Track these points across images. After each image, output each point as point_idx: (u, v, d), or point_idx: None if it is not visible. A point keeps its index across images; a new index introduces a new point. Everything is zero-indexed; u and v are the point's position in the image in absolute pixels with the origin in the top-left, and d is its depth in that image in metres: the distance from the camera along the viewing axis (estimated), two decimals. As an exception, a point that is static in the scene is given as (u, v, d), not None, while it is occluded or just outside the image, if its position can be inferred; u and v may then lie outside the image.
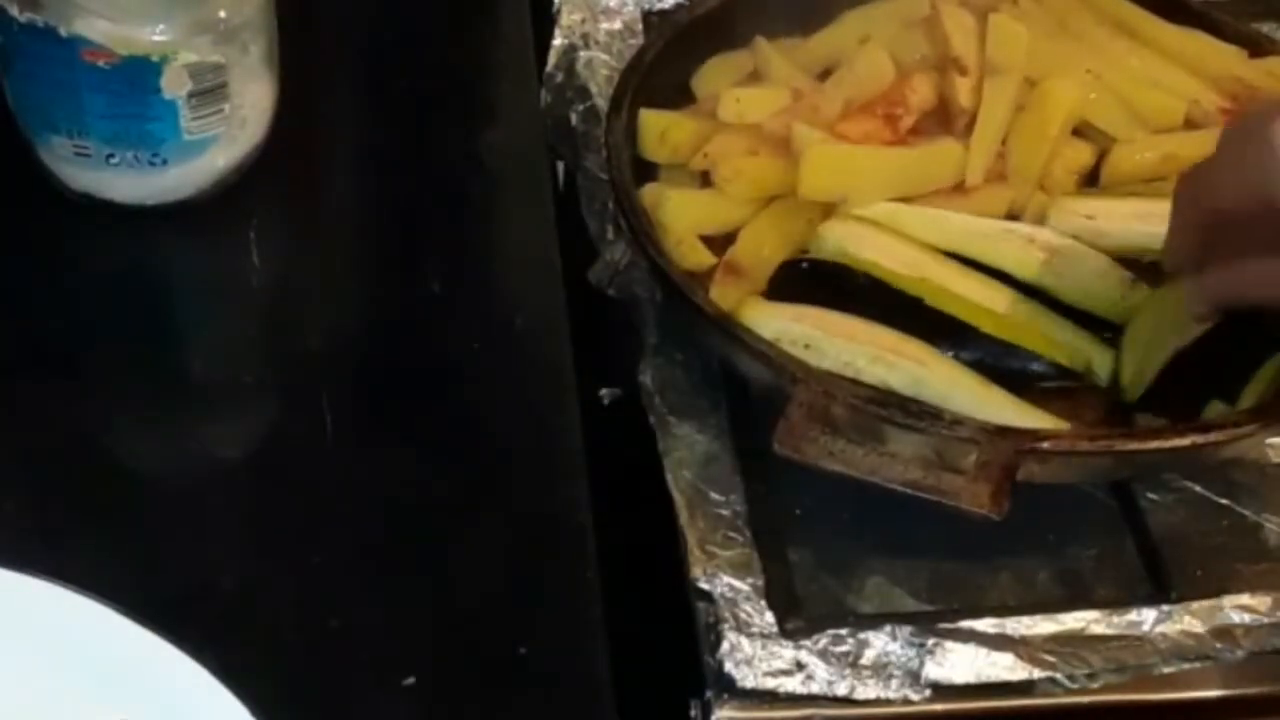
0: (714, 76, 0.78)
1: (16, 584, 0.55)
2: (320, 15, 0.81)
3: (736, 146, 0.73)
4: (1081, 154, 0.75)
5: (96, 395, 0.66)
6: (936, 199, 0.72)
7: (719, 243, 0.71)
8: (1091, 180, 0.75)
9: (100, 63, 0.66)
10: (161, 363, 0.69)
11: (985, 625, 0.63)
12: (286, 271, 0.73)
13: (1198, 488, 0.69)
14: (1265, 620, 0.64)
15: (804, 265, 0.72)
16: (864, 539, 0.67)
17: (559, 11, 0.83)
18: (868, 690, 0.62)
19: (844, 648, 0.62)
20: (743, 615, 0.63)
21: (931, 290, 0.69)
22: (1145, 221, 0.72)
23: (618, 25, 0.84)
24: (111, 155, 0.69)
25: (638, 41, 0.82)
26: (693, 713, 0.63)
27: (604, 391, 0.75)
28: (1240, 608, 0.64)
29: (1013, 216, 0.72)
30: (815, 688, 0.62)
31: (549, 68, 0.82)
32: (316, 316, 0.71)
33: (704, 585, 0.64)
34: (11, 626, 0.54)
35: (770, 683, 0.62)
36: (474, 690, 0.58)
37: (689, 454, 0.69)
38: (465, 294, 0.72)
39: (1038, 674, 0.62)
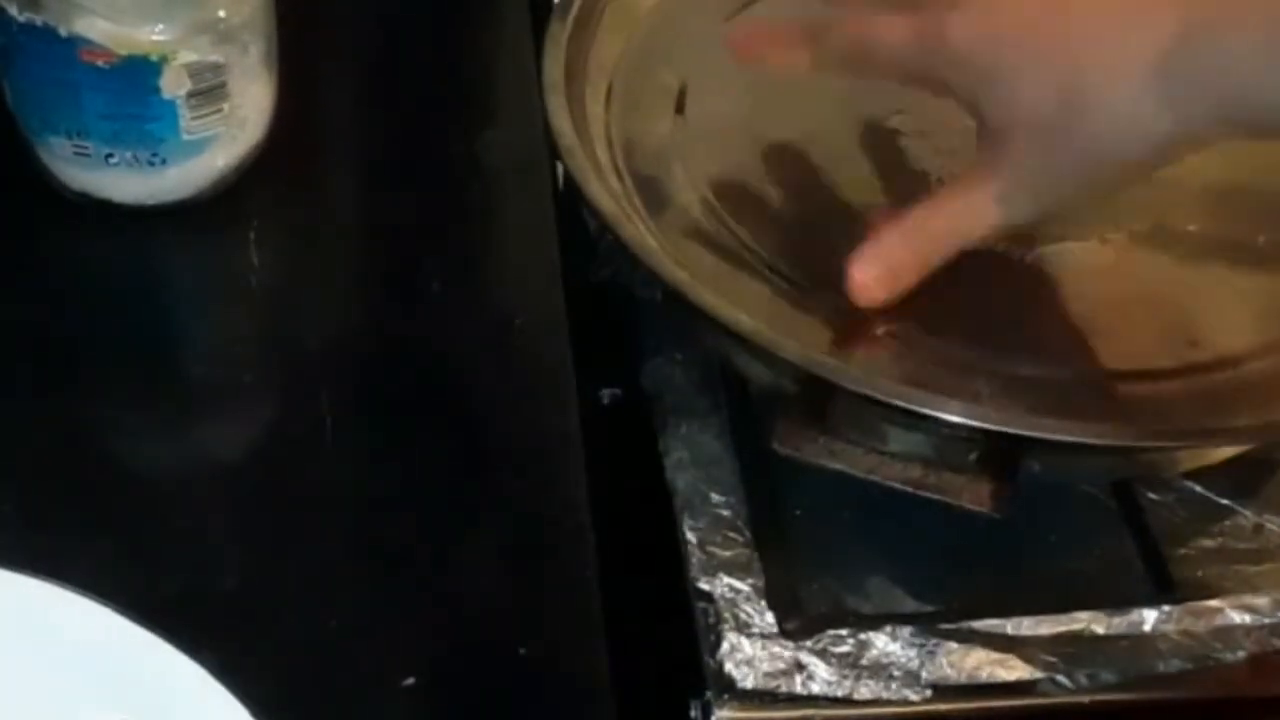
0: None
1: (16, 584, 0.54)
2: (320, 15, 0.81)
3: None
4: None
5: (96, 395, 0.66)
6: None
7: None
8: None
9: (100, 62, 0.66)
10: (161, 363, 0.68)
11: (985, 625, 0.63)
12: (286, 271, 0.73)
13: (1198, 488, 0.69)
14: (1266, 620, 0.64)
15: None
16: (864, 539, 0.67)
17: (559, 12, 0.83)
18: (868, 691, 0.62)
19: (844, 648, 0.62)
20: (743, 615, 0.63)
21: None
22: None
23: (617, 26, 0.84)
24: (111, 155, 0.69)
25: (638, 42, 0.82)
26: (693, 713, 0.63)
27: (604, 391, 0.75)
28: (1241, 608, 0.64)
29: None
30: (815, 688, 0.62)
31: (549, 68, 0.82)
32: (316, 316, 0.71)
33: (704, 585, 0.64)
34: (11, 626, 0.54)
35: (770, 683, 0.62)
36: (474, 690, 0.58)
37: (689, 454, 0.69)
38: (465, 294, 0.71)
39: (1038, 674, 0.62)
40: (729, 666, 0.62)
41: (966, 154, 0.74)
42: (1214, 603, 0.64)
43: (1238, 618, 0.64)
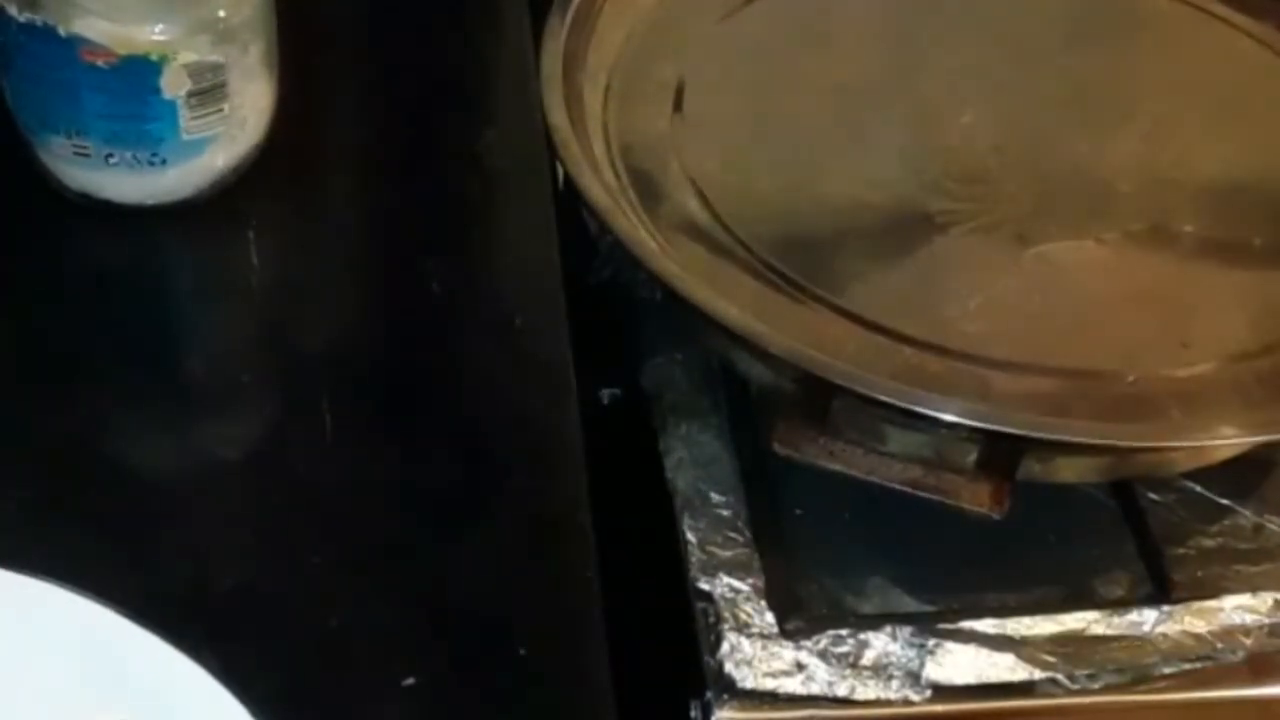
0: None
1: (16, 584, 0.54)
2: (320, 15, 0.81)
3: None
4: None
5: (96, 395, 0.66)
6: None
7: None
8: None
9: (99, 62, 0.66)
10: (161, 363, 0.68)
11: (985, 626, 0.63)
12: (286, 272, 0.73)
13: (1198, 488, 0.69)
14: (1265, 620, 0.64)
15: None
16: (864, 539, 0.67)
17: (558, 12, 0.83)
18: (868, 691, 0.62)
19: (844, 648, 0.62)
20: (743, 615, 0.63)
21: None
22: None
23: (617, 25, 0.84)
24: (110, 155, 0.69)
25: (637, 41, 0.82)
26: (693, 713, 0.63)
27: (604, 391, 0.75)
28: (1241, 608, 0.64)
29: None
30: (815, 688, 0.62)
31: (548, 67, 0.82)
32: (316, 317, 0.71)
33: (704, 585, 0.64)
34: (11, 626, 0.54)
35: (770, 683, 0.62)
36: (474, 690, 0.58)
37: (689, 454, 0.69)
38: (465, 294, 0.71)
39: (1038, 675, 0.62)
40: (729, 666, 0.62)
41: (964, 152, 0.75)
42: (1214, 603, 0.64)
43: (1238, 618, 0.64)
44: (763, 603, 0.63)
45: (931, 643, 0.62)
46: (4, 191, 0.72)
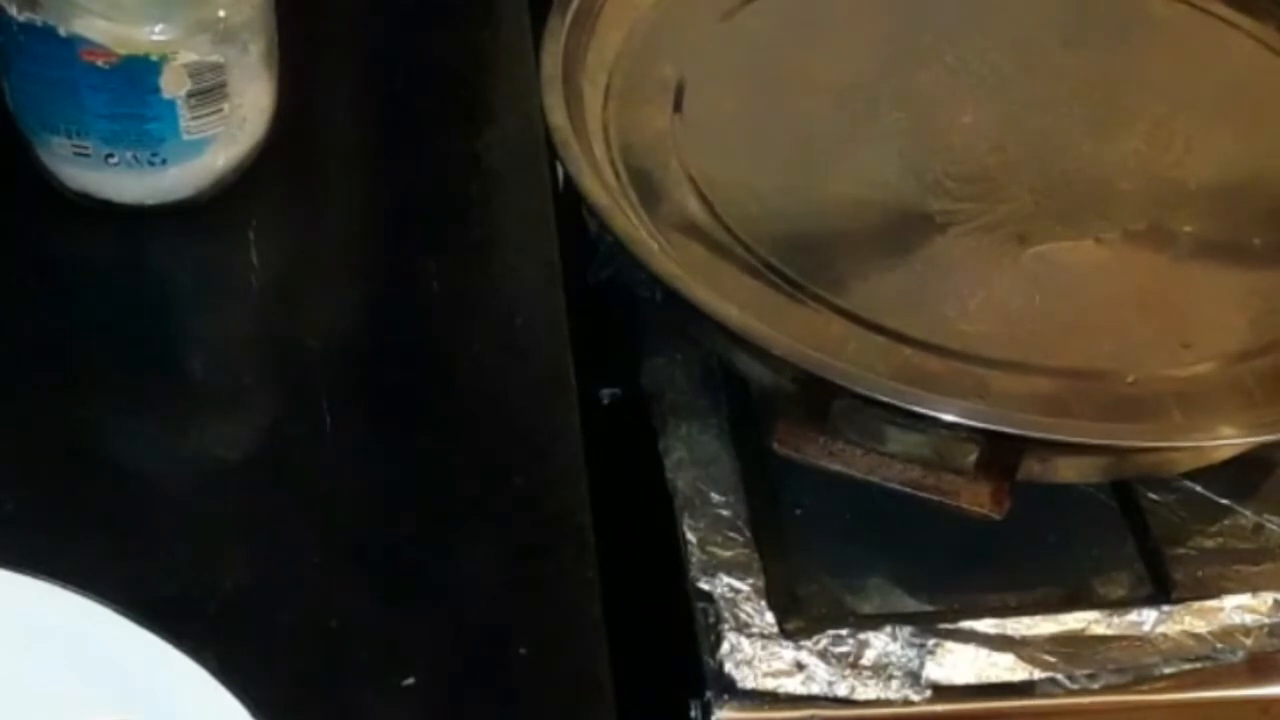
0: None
1: (17, 584, 0.54)
2: (320, 15, 0.81)
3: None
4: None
5: (96, 395, 0.66)
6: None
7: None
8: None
9: (99, 62, 0.66)
10: (161, 363, 0.68)
11: (985, 626, 0.63)
12: (286, 271, 0.73)
13: (1198, 488, 0.69)
14: (1266, 620, 0.64)
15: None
16: (864, 539, 0.67)
17: (558, 12, 0.83)
18: (868, 691, 0.62)
19: (844, 648, 0.62)
20: (743, 616, 0.63)
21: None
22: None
23: (616, 25, 0.84)
24: (111, 155, 0.69)
25: (637, 42, 0.82)
26: (693, 713, 0.63)
27: (604, 391, 0.75)
28: (1241, 608, 0.64)
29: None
30: (815, 688, 0.62)
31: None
32: (316, 316, 0.71)
33: (704, 585, 0.64)
34: (12, 626, 0.54)
35: (770, 683, 0.62)
36: (474, 690, 0.58)
37: (689, 454, 0.69)
38: (465, 294, 0.71)
39: (1038, 675, 0.62)
40: (729, 666, 0.62)
41: (964, 152, 0.75)
42: (1214, 603, 0.64)
43: (1238, 618, 0.64)
44: (763, 603, 0.63)
45: (931, 643, 0.62)
46: (4, 191, 0.72)
